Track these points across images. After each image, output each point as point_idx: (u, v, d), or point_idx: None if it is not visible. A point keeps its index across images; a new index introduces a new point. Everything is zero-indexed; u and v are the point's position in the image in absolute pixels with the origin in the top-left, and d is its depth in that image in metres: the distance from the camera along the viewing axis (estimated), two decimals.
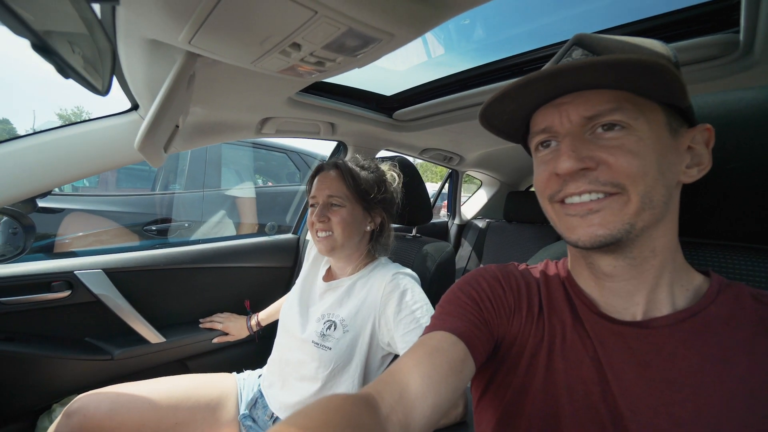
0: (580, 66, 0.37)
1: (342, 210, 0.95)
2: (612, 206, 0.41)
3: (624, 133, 0.40)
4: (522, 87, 0.40)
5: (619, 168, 0.40)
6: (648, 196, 0.40)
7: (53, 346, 1.11)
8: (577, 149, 0.41)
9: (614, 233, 0.41)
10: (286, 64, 0.69)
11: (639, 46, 0.43)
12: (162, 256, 1.30)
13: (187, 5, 0.51)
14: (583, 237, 0.42)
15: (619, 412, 0.42)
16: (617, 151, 0.40)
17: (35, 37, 0.34)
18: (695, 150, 0.44)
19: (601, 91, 0.41)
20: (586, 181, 0.41)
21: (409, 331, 0.82)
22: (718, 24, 0.75)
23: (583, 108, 0.41)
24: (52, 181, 0.96)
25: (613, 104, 0.40)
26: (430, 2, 0.55)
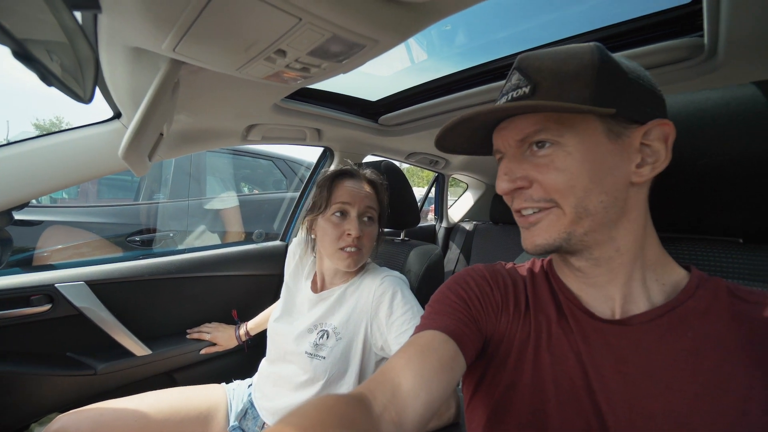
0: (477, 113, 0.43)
1: (373, 228, 0.95)
2: (549, 218, 0.45)
3: (553, 149, 0.43)
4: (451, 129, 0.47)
5: (548, 185, 0.44)
6: (581, 206, 0.43)
7: (32, 362, 1.07)
8: (510, 171, 0.46)
9: (551, 242, 0.45)
10: (271, 71, 0.69)
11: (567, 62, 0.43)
12: (146, 266, 1.27)
13: (171, 13, 0.51)
14: (527, 246, 0.48)
15: (599, 406, 0.43)
16: (545, 169, 0.44)
17: (17, 45, 0.34)
18: (651, 146, 0.44)
19: (529, 115, 0.45)
20: (523, 199, 0.47)
21: (401, 332, 0.81)
22: (684, 28, 0.79)
23: (515, 132, 0.46)
24: (29, 192, 0.93)
25: (538, 126, 0.44)
26: (412, 8, 0.56)
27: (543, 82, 0.44)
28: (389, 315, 0.85)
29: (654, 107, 0.45)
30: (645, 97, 0.44)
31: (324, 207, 0.92)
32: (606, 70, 0.42)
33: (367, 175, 0.98)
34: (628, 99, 0.43)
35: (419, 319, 0.81)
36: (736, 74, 0.81)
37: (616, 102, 0.41)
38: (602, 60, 0.43)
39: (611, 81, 0.42)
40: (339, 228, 0.90)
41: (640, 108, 0.44)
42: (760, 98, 0.49)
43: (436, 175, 2.55)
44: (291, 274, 1.10)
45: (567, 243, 0.45)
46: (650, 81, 0.46)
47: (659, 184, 0.51)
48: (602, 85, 0.41)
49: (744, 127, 0.50)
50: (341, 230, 0.90)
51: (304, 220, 1.00)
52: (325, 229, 0.91)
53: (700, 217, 0.56)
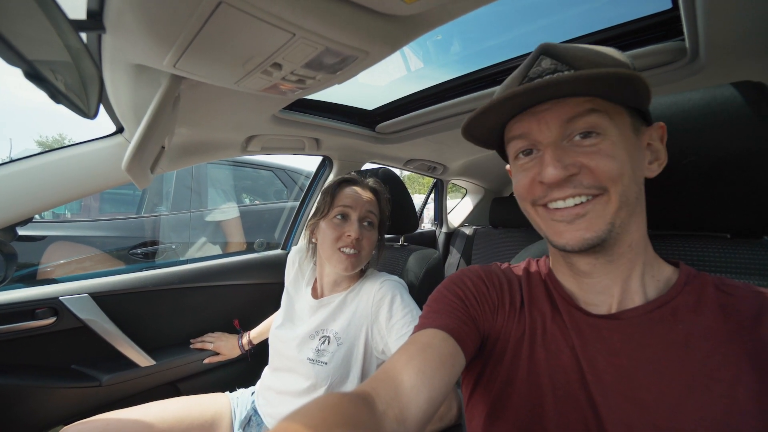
0: (565, 80, 0.39)
1: (373, 233, 0.97)
2: (596, 208, 0.44)
3: (599, 139, 0.43)
4: (507, 100, 0.43)
5: (601, 171, 0.43)
6: (625, 194, 0.43)
7: (38, 375, 1.08)
8: (561, 158, 0.44)
9: (600, 234, 0.44)
10: (268, 83, 0.72)
11: (601, 54, 0.45)
12: (150, 277, 1.28)
13: (171, 31, 0.53)
14: (571, 241, 0.45)
15: (592, 398, 0.44)
16: (596, 156, 0.43)
17: (28, 66, 0.36)
18: (653, 146, 0.48)
19: (570, 99, 0.44)
20: (571, 186, 0.44)
21: (401, 335, 0.82)
22: (667, 33, 0.82)
23: (562, 111, 0.44)
24: (33, 207, 0.95)
25: (588, 106, 0.43)
26: (400, 21, 0.59)
27: (583, 67, 0.43)
28: (389, 318, 0.86)
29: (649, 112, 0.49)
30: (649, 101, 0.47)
31: (326, 211, 0.95)
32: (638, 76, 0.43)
33: (370, 183, 1.01)
34: (645, 99, 0.44)
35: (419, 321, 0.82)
36: (718, 75, 0.83)
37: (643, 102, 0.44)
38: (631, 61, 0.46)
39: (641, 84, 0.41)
40: (339, 230, 0.92)
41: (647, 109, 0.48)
42: (738, 98, 0.51)
43: (434, 181, 2.57)
44: (291, 281, 1.11)
45: (609, 235, 0.44)
46: None
47: (648, 183, 0.53)
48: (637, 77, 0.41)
49: (724, 125, 0.52)
50: (341, 231, 0.92)
51: (306, 225, 1.03)
52: (326, 232, 0.93)
53: (688, 214, 0.57)
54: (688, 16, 0.69)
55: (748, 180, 0.51)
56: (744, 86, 0.52)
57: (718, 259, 0.55)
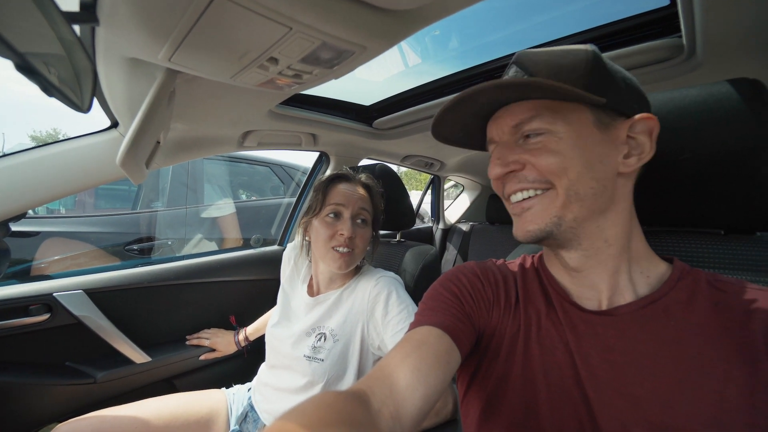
0: (482, 89, 0.43)
1: (366, 230, 0.96)
2: (542, 202, 0.47)
3: (544, 137, 0.45)
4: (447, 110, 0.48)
5: (542, 166, 0.45)
6: (573, 189, 0.45)
7: (32, 372, 1.07)
8: (502, 156, 0.48)
9: (543, 227, 0.47)
10: (264, 78, 0.71)
11: (566, 56, 0.46)
12: (145, 273, 1.28)
13: (166, 24, 0.52)
14: (518, 233, 0.49)
15: (586, 394, 0.44)
16: (539, 152, 0.45)
17: (19, 58, 0.36)
18: (637, 139, 0.47)
19: (524, 102, 0.47)
20: (517, 181, 0.48)
21: (397, 331, 0.82)
22: (664, 29, 0.82)
23: (510, 118, 0.48)
24: (26, 202, 0.94)
25: (533, 112, 0.46)
26: (397, 16, 0.58)
27: (539, 73, 0.46)
28: (385, 315, 0.86)
29: (639, 104, 0.48)
30: (631, 94, 0.47)
31: (319, 209, 0.94)
32: (599, 66, 0.45)
33: (362, 179, 1.00)
34: (618, 93, 0.45)
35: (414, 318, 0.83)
36: (715, 72, 0.84)
37: (606, 94, 0.44)
38: (596, 57, 0.46)
39: (603, 75, 0.45)
40: (332, 228, 0.92)
41: (627, 103, 0.47)
42: (734, 95, 0.52)
43: (431, 177, 2.57)
44: (287, 278, 1.11)
45: (557, 229, 0.46)
46: (635, 81, 0.49)
47: (644, 179, 0.53)
48: (595, 77, 0.44)
49: (720, 122, 0.52)
50: (334, 230, 0.91)
51: (300, 223, 1.02)
52: (319, 230, 0.93)
53: (683, 210, 0.57)
54: (686, 12, 0.69)
55: (742, 177, 0.51)
56: (740, 83, 0.52)
57: (712, 255, 0.56)
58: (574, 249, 0.49)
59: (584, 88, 0.43)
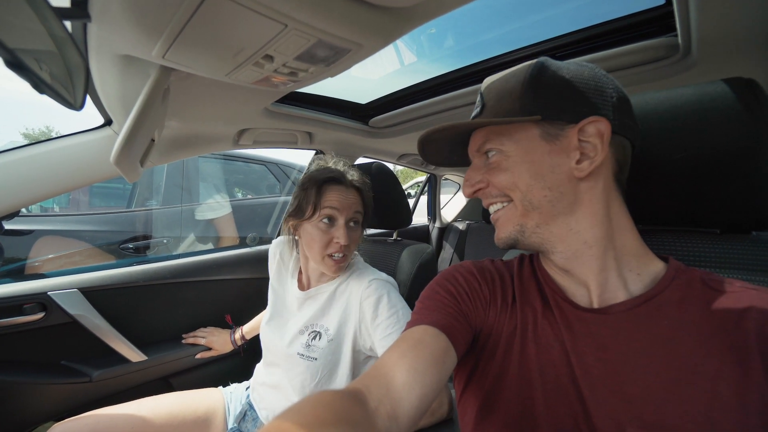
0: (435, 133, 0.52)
1: (358, 229, 0.95)
2: (507, 213, 0.52)
3: (498, 156, 0.51)
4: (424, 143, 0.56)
5: (498, 183, 0.51)
6: (526, 200, 0.49)
7: (27, 371, 1.07)
8: (470, 178, 0.54)
9: (510, 235, 0.52)
10: (260, 76, 0.71)
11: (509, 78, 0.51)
12: (140, 272, 1.27)
13: (159, 21, 0.52)
14: (496, 240, 0.55)
15: (581, 392, 0.45)
16: (494, 172, 0.51)
17: (10, 55, 0.35)
18: (590, 142, 0.47)
19: (480, 130, 0.53)
20: (486, 197, 0.54)
21: (386, 335, 0.83)
22: (660, 29, 0.82)
23: (473, 145, 0.55)
24: (19, 201, 0.93)
25: (484, 138, 0.52)
26: (394, 13, 0.58)
27: (489, 101, 0.52)
28: (375, 317, 0.86)
29: (594, 106, 0.47)
30: (581, 99, 0.47)
31: (311, 213, 0.90)
32: (535, 83, 0.48)
33: (354, 180, 0.95)
34: (558, 104, 0.47)
35: (404, 323, 0.83)
36: (710, 72, 0.84)
37: (543, 109, 0.47)
38: (533, 75, 0.49)
39: (538, 92, 0.48)
40: (327, 235, 0.89)
41: (572, 109, 0.47)
42: (728, 94, 0.52)
43: (427, 176, 2.57)
44: (275, 274, 1.09)
45: (522, 235, 0.51)
46: (597, 82, 0.49)
47: (639, 178, 0.53)
48: (529, 97, 0.48)
49: (715, 122, 0.52)
50: (329, 237, 0.89)
51: (285, 219, 0.97)
52: (313, 235, 0.90)
53: (678, 209, 0.58)
54: (681, 11, 0.69)
55: (738, 176, 0.51)
56: (735, 82, 0.52)
57: (708, 255, 0.56)
58: (552, 252, 0.51)
59: (520, 108, 0.48)
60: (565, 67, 0.49)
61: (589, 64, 0.51)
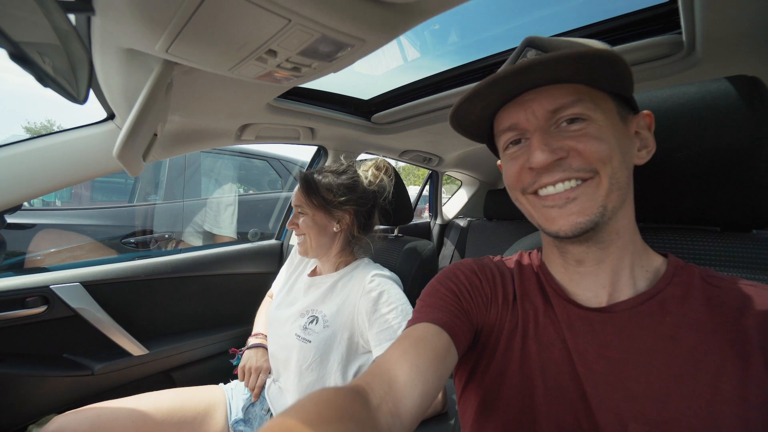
0: (548, 60, 0.39)
1: (305, 218, 1.01)
2: (587, 191, 0.44)
3: (586, 124, 0.43)
4: (492, 85, 0.43)
5: (589, 153, 0.43)
6: (615, 177, 0.43)
7: (29, 364, 1.08)
8: (548, 142, 0.44)
9: (592, 218, 0.44)
10: (263, 71, 0.70)
11: (586, 45, 0.47)
12: (142, 266, 1.28)
13: (163, 15, 0.52)
14: (564, 227, 0.45)
15: (583, 390, 0.45)
16: (584, 139, 0.43)
17: (13, 47, 0.35)
18: (641, 134, 0.49)
19: (560, 85, 0.44)
20: (561, 170, 0.44)
21: (382, 330, 0.85)
22: (664, 26, 0.82)
23: (547, 102, 0.44)
24: (22, 195, 0.93)
25: (574, 97, 0.43)
26: (397, 9, 0.58)
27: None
28: (373, 312, 0.88)
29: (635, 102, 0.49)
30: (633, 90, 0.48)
31: None
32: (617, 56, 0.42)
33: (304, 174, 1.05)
34: (629, 85, 0.46)
35: (401, 320, 0.85)
36: (714, 70, 0.84)
37: (624, 87, 0.45)
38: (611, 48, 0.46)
39: (621, 67, 0.42)
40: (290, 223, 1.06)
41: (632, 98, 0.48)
42: (732, 92, 0.52)
43: (429, 172, 2.57)
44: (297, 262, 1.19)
45: (601, 218, 0.44)
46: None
47: (641, 175, 0.53)
48: (619, 67, 0.42)
49: (718, 120, 0.52)
50: None
51: None
52: None
53: (680, 207, 0.57)
54: (686, 9, 0.69)
55: (739, 174, 0.51)
56: (739, 81, 0.52)
57: (709, 253, 0.56)
58: (593, 242, 0.47)
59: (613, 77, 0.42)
60: None
61: None
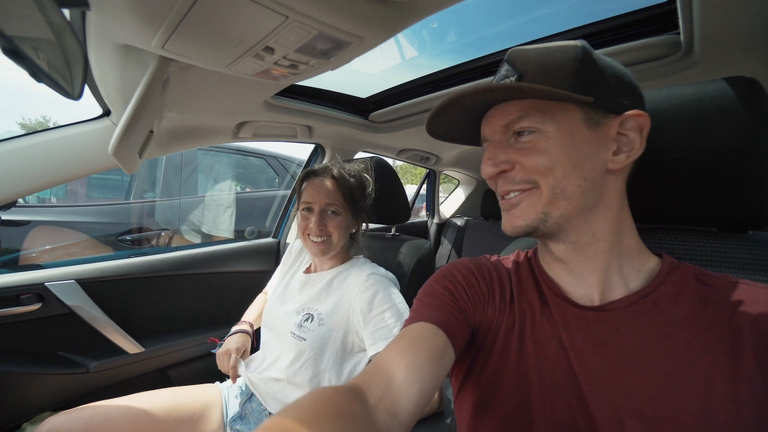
0: (469, 92, 0.45)
1: (339, 218, 1.00)
2: (528, 199, 0.48)
3: (534, 137, 0.46)
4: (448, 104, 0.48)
5: (529, 167, 0.46)
6: (559, 187, 0.46)
7: (24, 361, 1.07)
8: (494, 156, 0.49)
9: (530, 223, 0.48)
10: (260, 68, 0.70)
11: (554, 53, 0.46)
12: (138, 264, 1.27)
13: (159, 10, 0.51)
14: (506, 227, 0.51)
15: (579, 388, 0.45)
16: (527, 152, 0.46)
17: (7, 42, 0.35)
18: (628, 136, 0.47)
19: (513, 102, 0.47)
20: (505, 182, 0.49)
21: (377, 329, 0.85)
22: (662, 26, 0.82)
23: (500, 118, 0.49)
24: (16, 191, 0.92)
25: (521, 112, 0.46)
26: (395, 6, 0.58)
27: (528, 72, 0.47)
28: (369, 311, 0.88)
29: (632, 100, 0.47)
30: (623, 91, 0.47)
31: (298, 203, 1.05)
32: (588, 63, 0.45)
33: (333, 171, 1.03)
34: (607, 90, 0.45)
35: (396, 319, 0.85)
36: (712, 70, 0.84)
37: (595, 92, 0.44)
38: (585, 54, 0.45)
39: (592, 73, 0.45)
40: (305, 221, 1.01)
41: (617, 99, 0.46)
42: (729, 93, 0.52)
43: (427, 171, 2.57)
44: (294, 257, 1.17)
45: (543, 224, 0.47)
46: (630, 77, 0.49)
47: (638, 176, 0.53)
48: (583, 75, 0.44)
49: (715, 121, 0.52)
50: (306, 223, 1.00)
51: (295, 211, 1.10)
52: (298, 221, 1.04)
53: (676, 207, 0.58)
54: (684, 9, 0.69)
55: (736, 175, 0.51)
56: (736, 81, 0.52)
57: (705, 253, 0.56)
58: (562, 241, 0.50)
59: (571, 87, 0.43)
60: (603, 56, 0.47)
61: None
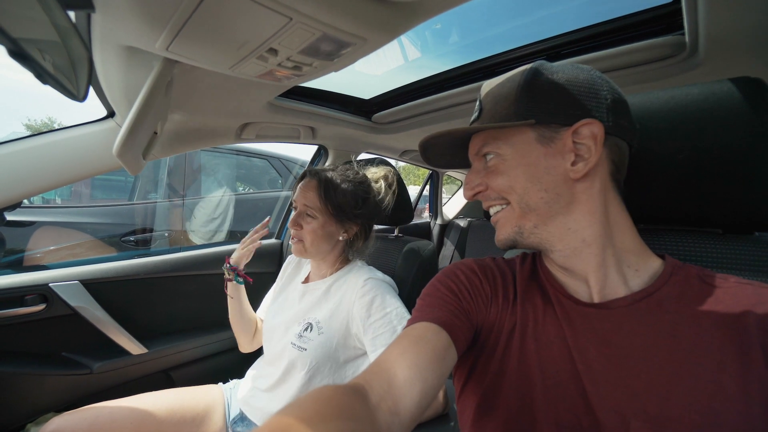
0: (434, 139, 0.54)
1: (314, 222, 0.96)
2: (505, 215, 0.53)
3: (495, 159, 0.52)
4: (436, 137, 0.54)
5: (496, 186, 0.52)
6: (523, 202, 0.50)
7: (28, 362, 1.07)
8: (470, 181, 0.55)
9: (509, 236, 0.53)
10: (263, 69, 0.70)
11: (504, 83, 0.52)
12: (142, 265, 1.27)
13: (164, 12, 0.52)
14: (496, 242, 0.56)
15: (583, 387, 0.45)
16: (492, 175, 0.52)
17: (12, 44, 0.35)
18: (584, 144, 0.47)
19: (478, 134, 0.54)
20: (485, 200, 0.55)
21: (377, 335, 0.84)
22: (667, 27, 0.82)
23: (473, 148, 0.56)
24: (21, 192, 0.93)
25: (483, 142, 0.53)
26: (399, 8, 0.57)
27: (486, 106, 0.53)
28: (367, 317, 0.87)
29: (586, 109, 0.48)
30: (575, 102, 0.48)
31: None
32: (529, 87, 0.49)
33: (324, 174, 0.99)
34: (551, 108, 0.48)
35: (395, 324, 0.85)
36: (717, 71, 0.83)
37: (537, 113, 0.48)
38: (527, 79, 0.49)
39: (532, 95, 0.49)
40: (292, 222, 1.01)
41: (566, 112, 0.48)
42: (735, 94, 0.51)
43: (430, 173, 2.57)
44: (295, 264, 1.16)
45: (520, 236, 0.52)
46: (592, 85, 0.49)
47: (643, 178, 0.53)
48: (524, 101, 0.49)
49: (720, 121, 0.52)
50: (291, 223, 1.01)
51: None
52: None
53: (682, 209, 0.57)
54: (689, 10, 0.68)
55: (742, 176, 0.51)
56: (742, 82, 0.52)
57: (710, 255, 0.56)
58: (551, 251, 0.51)
59: (515, 114, 0.49)
60: (560, 70, 0.50)
61: (586, 67, 0.51)
